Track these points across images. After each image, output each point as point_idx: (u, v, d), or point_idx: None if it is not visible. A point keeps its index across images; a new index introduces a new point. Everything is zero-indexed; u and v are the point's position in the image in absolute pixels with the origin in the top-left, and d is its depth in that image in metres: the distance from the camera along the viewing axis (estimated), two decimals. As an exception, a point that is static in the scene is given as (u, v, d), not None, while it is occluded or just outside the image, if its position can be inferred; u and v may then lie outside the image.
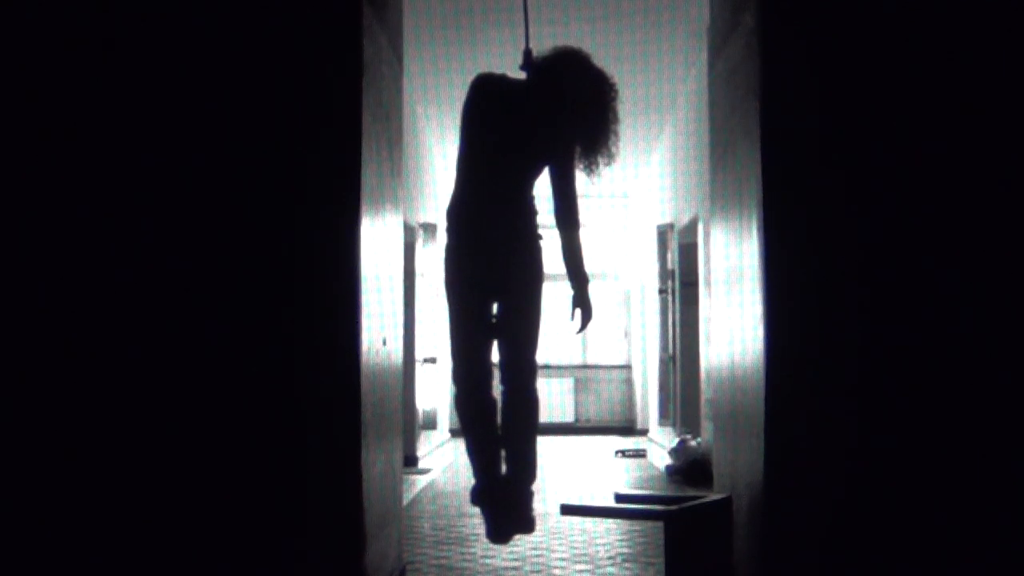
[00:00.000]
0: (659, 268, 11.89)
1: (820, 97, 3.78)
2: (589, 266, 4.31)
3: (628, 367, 15.64)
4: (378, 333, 4.09)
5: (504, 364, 4.24)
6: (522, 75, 4.28)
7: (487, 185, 4.21)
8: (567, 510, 4.52)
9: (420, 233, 10.94)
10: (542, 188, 4.27)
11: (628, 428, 15.00)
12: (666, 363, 11.60)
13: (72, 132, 3.76)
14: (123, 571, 3.65)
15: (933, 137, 3.75)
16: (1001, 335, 3.70)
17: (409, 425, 9.66)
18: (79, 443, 3.67)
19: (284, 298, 3.74)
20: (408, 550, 5.26)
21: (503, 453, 4.29)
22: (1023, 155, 3.74)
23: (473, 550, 5.67)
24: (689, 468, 8.55)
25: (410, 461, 9.62)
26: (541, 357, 4.36)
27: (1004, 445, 3.67)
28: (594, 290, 4.45)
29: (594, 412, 15.54)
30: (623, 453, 11.60)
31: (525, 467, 4.28)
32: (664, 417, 11.85)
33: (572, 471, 10.01)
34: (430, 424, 11.50)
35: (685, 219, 10.36)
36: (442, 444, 12.53)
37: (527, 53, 4.30)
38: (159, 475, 3.67)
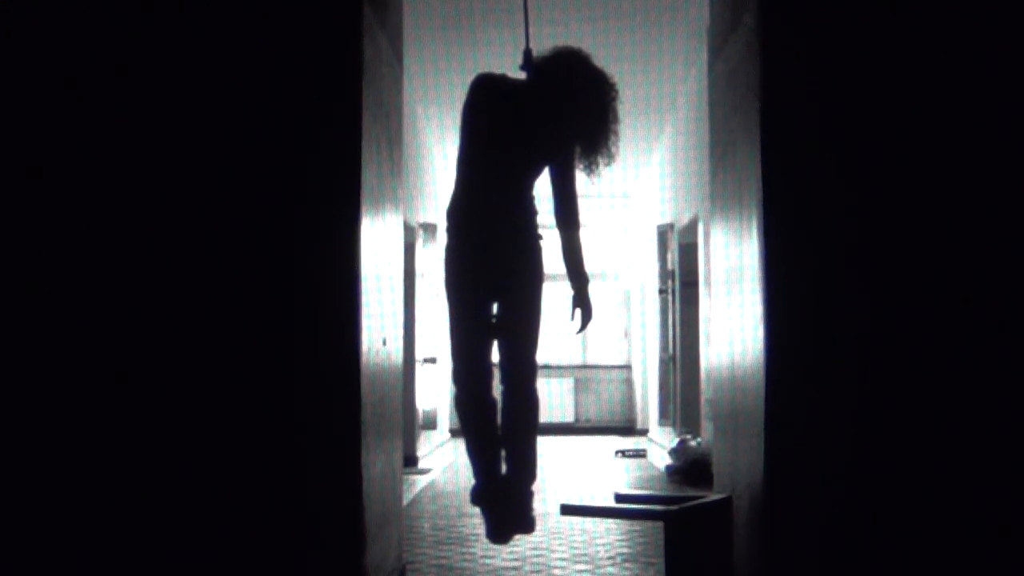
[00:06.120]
0: (659, 268, 11.89)
1: (820, 97, 3.78)
2: (589, 266, 4.31)
3: (628, 367, 15.63)
4: (378, 333, 4.09)
5: (504, 364, 4.24)
6: (522, 75, 4.28)
7: (487, 185, 4.21)
8: (567, 510, 4.51)
9: (420, 233, 10.94)
10: (542, 188, 4.27)
11: (628, 428, 15.00)
12: (666, 363, 11.61)
13: (71, 134, 3.75)
14: (122, 571, 3.64)
15: (933, 137, 3.75)
16: (1001, 335, 3.70)
17: (409, 425, 9.66)
18: (79, 442, 3.67)
19: (284, 298, 3.74)
20: (408, 550, 5.26)
21: (503, 453, 4.29)
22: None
23: (473, 550, 5.67)
24: (689, 468, 8.55)
25: (410, 461, 9.62)
26: (541, 357, 4.37)
27: (1004, 445, 3.67)
28: (594, 290, 4.45)
29: (594, 412, 15.54)
30: (623, 453, 11.60)
31: (525, 467, 4.28)
32: (664, 417, 11.86)
33: (572, 471, 10.01)
34: (430, 424, 11.50)
35: (685, 219, 10.36)
36: (442, 444, 12.53)
37: (527, 53, 4.30)
38: (159, 475, 3.67)
